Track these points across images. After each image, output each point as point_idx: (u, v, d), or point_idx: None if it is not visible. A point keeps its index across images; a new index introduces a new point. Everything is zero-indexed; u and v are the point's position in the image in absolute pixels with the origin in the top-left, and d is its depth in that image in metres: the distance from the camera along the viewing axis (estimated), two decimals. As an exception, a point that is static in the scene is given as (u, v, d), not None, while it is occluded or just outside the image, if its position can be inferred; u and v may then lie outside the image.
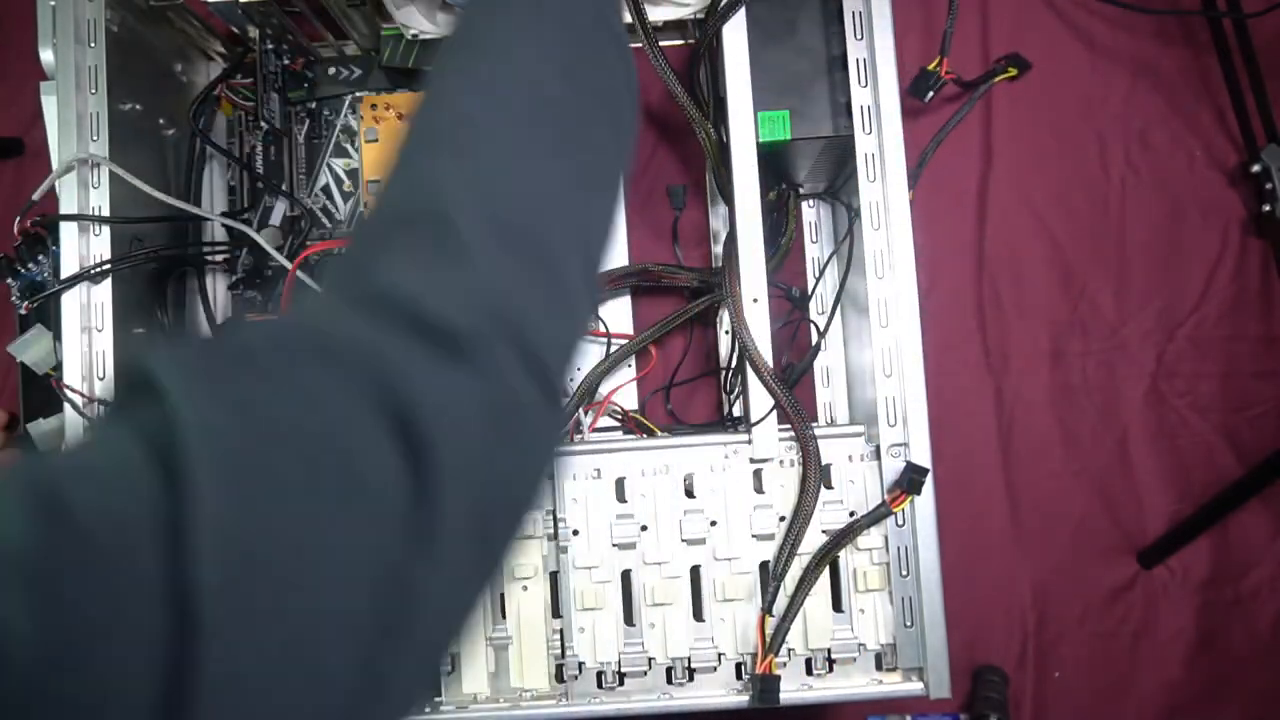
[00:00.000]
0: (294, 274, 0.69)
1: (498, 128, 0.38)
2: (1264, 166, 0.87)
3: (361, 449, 0.28)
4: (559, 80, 0.40)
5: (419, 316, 0.31)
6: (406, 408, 0.28)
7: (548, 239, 0.36)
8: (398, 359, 0.30)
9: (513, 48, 0.40)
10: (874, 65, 0.66)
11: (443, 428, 0.29)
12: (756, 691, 0.63)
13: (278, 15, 0.78)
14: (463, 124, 0.38)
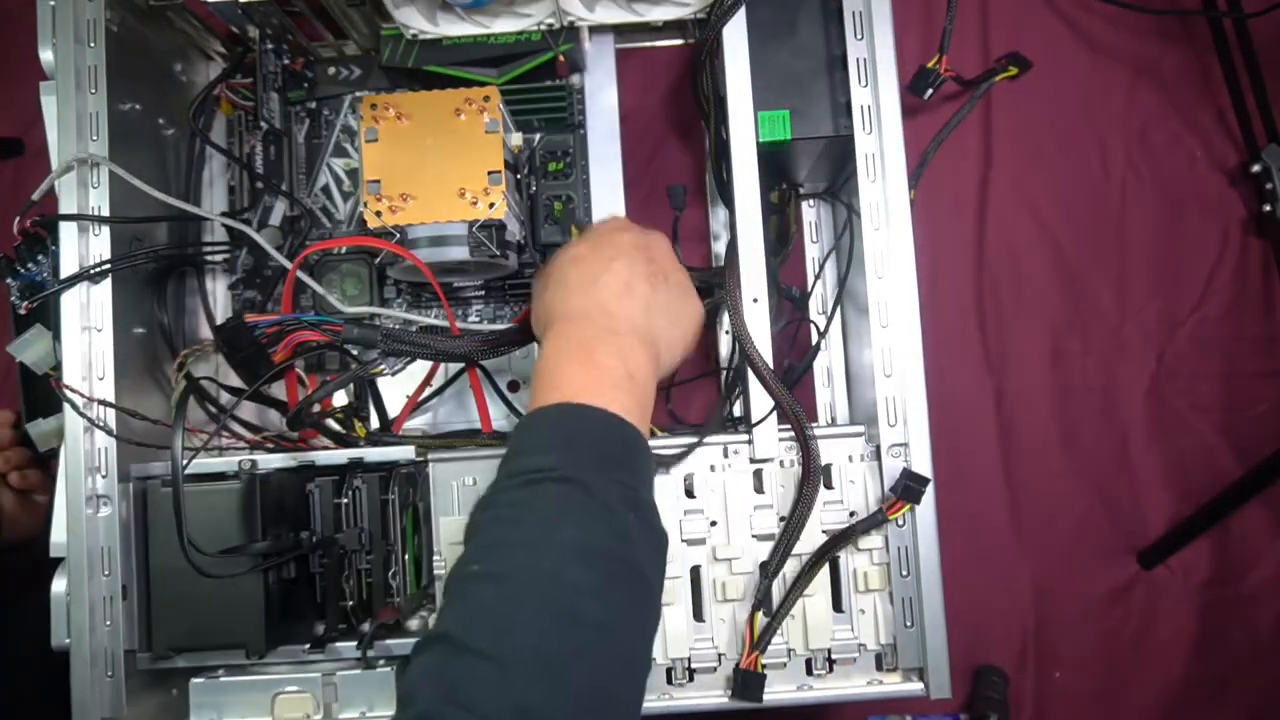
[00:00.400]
0: (294, 274, 0.69)
1: (526, 635, 0.41)
2: (1264, 166, 0.87)
3: None
4: (583, 593, 0.44)
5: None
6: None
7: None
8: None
9: (540, 553, 0.44)
10: (874, 65, 0.66)
11: None
12: (738, 686, 0.63)
13: (278, 15, 0.78)
14: (486, 622, 0.42)
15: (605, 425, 0.50)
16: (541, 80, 0.81)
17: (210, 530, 0.59)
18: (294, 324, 0.64)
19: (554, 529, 0.45)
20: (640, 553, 0.47)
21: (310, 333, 0.65)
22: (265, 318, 0.65)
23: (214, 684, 0.65)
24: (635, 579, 0.46)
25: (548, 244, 0.83)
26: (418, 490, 0.69)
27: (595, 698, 0.41)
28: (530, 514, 0.46)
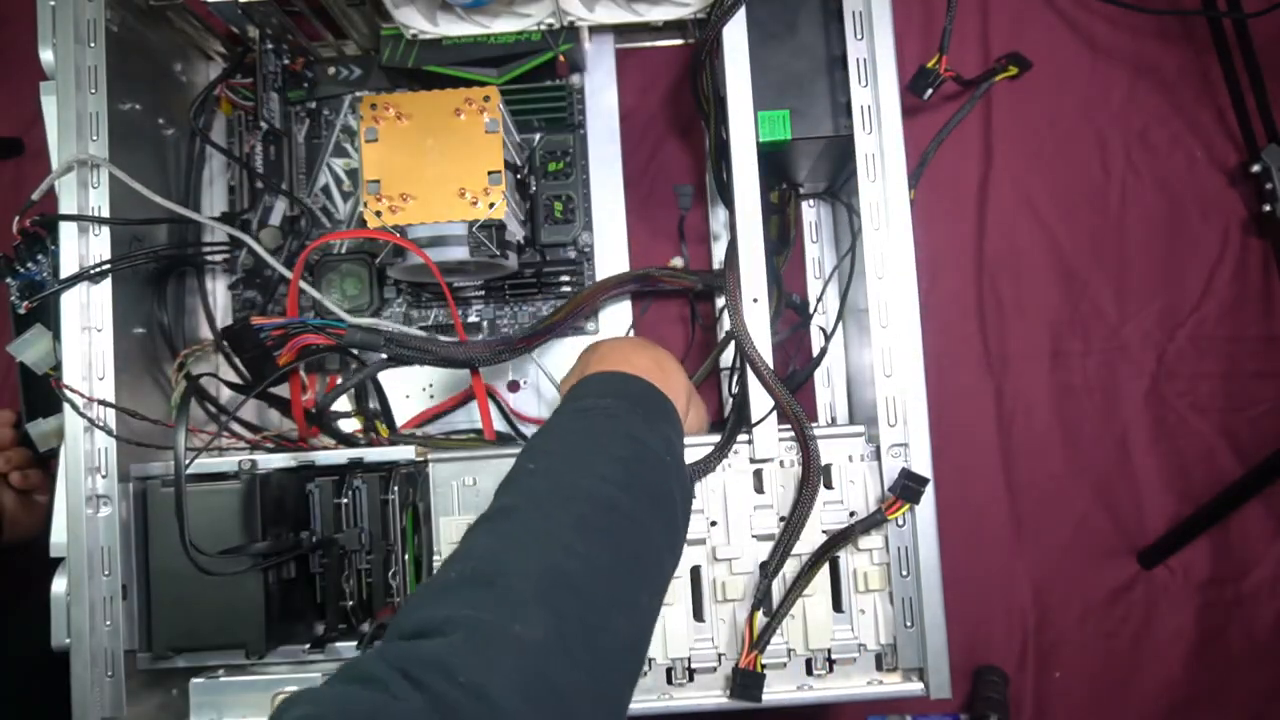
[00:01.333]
0: (296, 282, 0.69)
1: (570, 513, 0.46)
2: (1264, 166, 0.87)
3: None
4: (624, 492, 0.49)
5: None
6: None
7: (600, 603, 0.43)
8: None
9: (592, 459, 0.50)
10: (874, 65, 0.66)
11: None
12: (737, 685, 0.63)
13: (278, 15, 0.78)
14: (534, 504, 0.47)
15: (653, 390, 0.56)
16: (541, 80, 0.81)
17: (210, 530, 0.59)
18: (299, 327, 0.65)
19: (602, 446, 0.51)
20: (674, 489, 0.52)
21: (315, 336, 0.65)
22: (271, 320, 0.65)
23: (214, 684, 0.65)
24: (666, 501, 0.51)
25: (548, 244, 0.83)
26: (418, 490, 0.69)
27: (619, 577, 0.45)
28: (583, 435, 0.52)
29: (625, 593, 0.45)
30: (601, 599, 0.43)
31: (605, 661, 0.42)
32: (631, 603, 0.46)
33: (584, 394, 0.55)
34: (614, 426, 0.52)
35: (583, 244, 0.84)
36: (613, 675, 0.43)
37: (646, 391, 0.56)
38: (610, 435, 0.52)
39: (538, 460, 0.50)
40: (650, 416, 0.55)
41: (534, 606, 0.41)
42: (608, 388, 0.56)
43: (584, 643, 0.41)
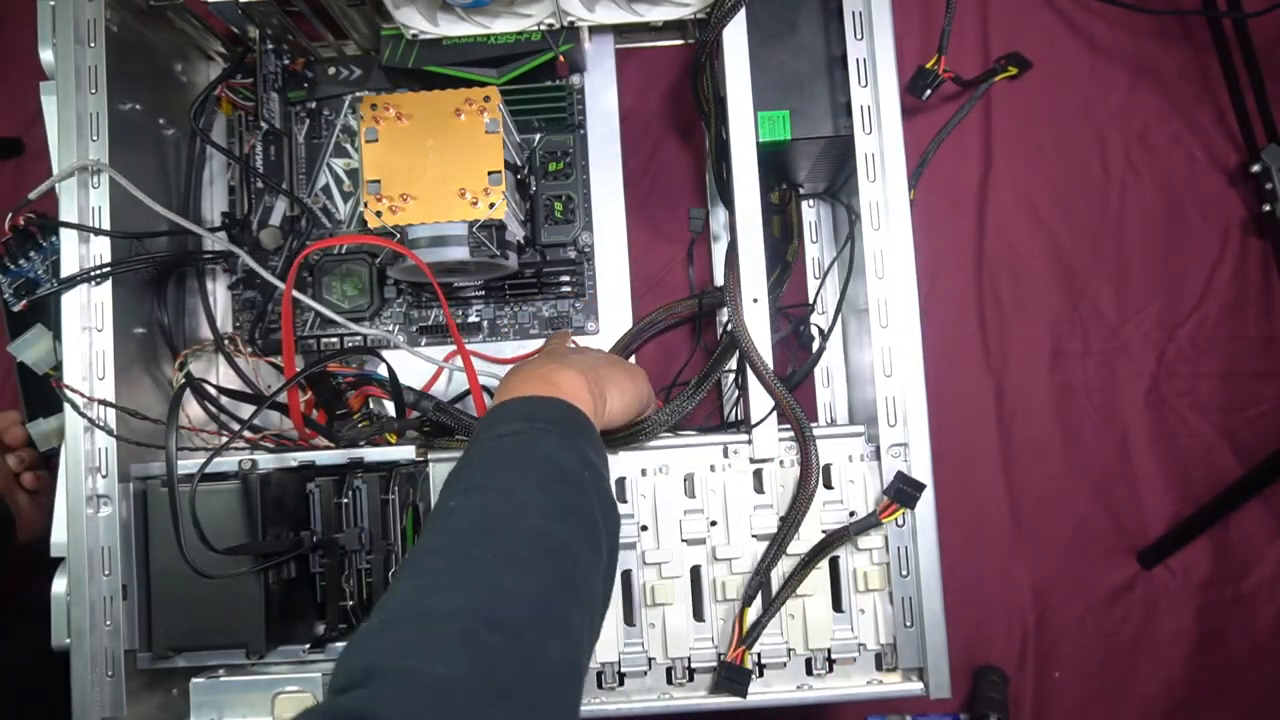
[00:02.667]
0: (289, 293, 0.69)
1: (492, 548, 0.46)
2: (1264, 166, 0.87)
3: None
4: (545, 515, 0.48)
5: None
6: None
7: (528, 634, 0.43)
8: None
9: (511, 487, 0.49)
10: (874, 65, 0.66)
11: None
12: (722, 677, 0.64)
13: (278, 15, 0.78)
14: (457, 541, 0.47)
15: (563, 406, 0.55)
16: (541, 80, 0.81)
17: (210, 530, 0.59)
18: (365, 380, 0.76)
19: (518, 472, 0.50)
20: (594, 503, 0.52)
21: (378, 390, 0.76)
22: (343, 370, 0.76)
23: (214, 684, 0.65)
24: (588, 518, 0.51)
25: (548, 244, 0.83)
26: (418, 490, 0.69)
27: (547, 603, 0.45)
28: (498, 463, 0.51)
29: (554, 618, 0.45)
30: (530, 629, 0.43)
31: (538, 690, 0.42)
32: (562, 627, 0.45)
33: (495, 421, 0.54)
34: (527, 450, 0.52)
35: (583, 244, 0.84)
36: (548, 704, 0.42)
37: (555, 408, 0.55)
38: (525, 459, 0.51)
39: (457, 496, 0.50)
40: (565, 433, 0.54)
41: (457, 646, 0.40)
42: (516, 412, 0.55)
43: (513, 675, 0.40)
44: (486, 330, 0.85)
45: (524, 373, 0.59)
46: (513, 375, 0.61)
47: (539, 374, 0.58)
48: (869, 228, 0.66)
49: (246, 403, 0.75)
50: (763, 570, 0.64)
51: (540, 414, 0.55)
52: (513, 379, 0.60)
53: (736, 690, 0.64)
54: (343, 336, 0.84)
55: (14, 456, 0.79)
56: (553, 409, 0.55)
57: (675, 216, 0.90)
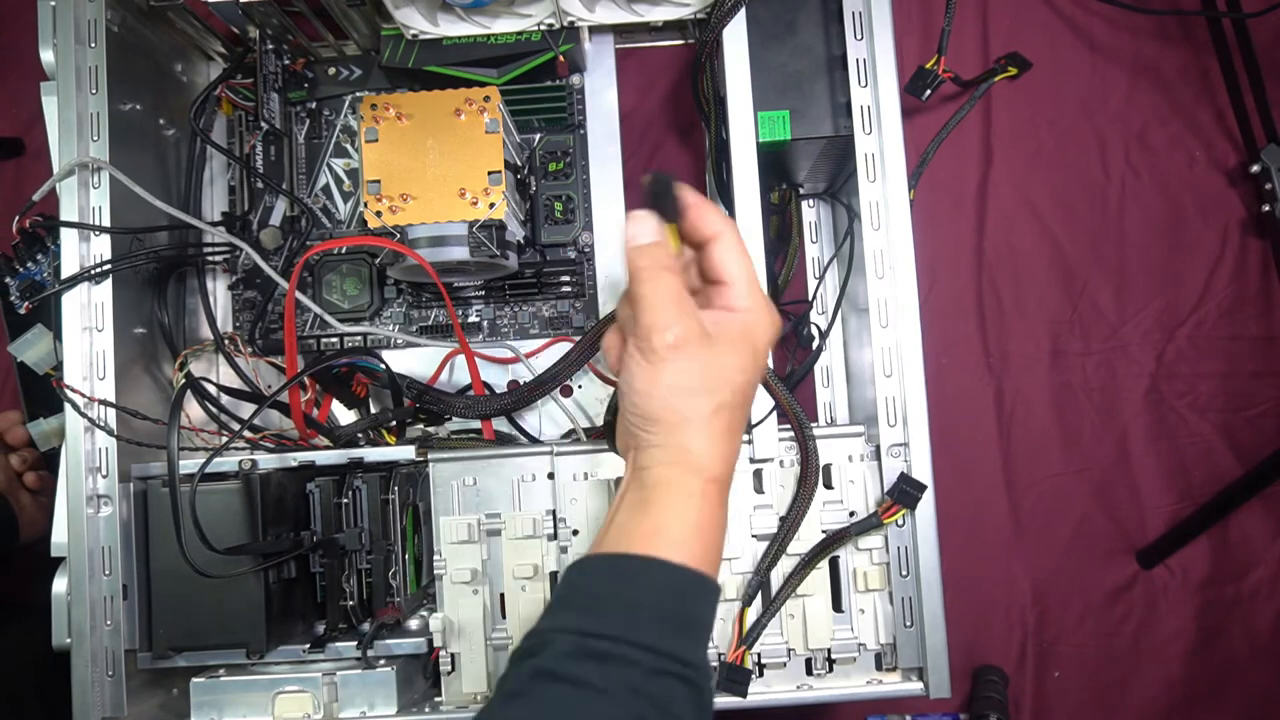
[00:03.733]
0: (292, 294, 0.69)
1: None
2: (1264, 166, 0.87)
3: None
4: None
5: None
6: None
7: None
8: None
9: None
10: (874, 65, 0.66)
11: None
12: (723, 678, 0.64)
13: (278, 15, 0.78)
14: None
15: (693, 584, 0.46)
16: (541, 80, 0.81)
17: (210, 530, 0.59)
18: (356, 369, 0.76)
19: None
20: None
21: (367, 378, 0.77)
22: (338, 361, 0.75)
23: (214, 683, 0.65)
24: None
25: (548, 244, 0.83)
26: (418, 490, 0.69)
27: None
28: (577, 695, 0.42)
29: None
30: None
31: None
32: None
33: (587, 618, 0.43)
34: (634, 697, 0.41)
35: (583, 244, 0.84)
36: None
37: (683, 592, 0.45)
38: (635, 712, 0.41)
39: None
40: (686, 633, 0.44)
41: None
42: (618, 602, 0.44)
43: None
44: (486, 330, 0.85)
45: (662, 485, 0.46)
46: (646, 481, 0.47)
47: (679, 497, 0.46)
48: (869, 228, 0.66)
49: (247, 402, 0.75)
50: (763, 570, 0.64)
51: (659, 612, 0.44)
52: (641, 496, 0.47)
53: (737, 690, 0.64)
54: (342, 336, 0.84)
55: (16, 456, 0.80)
56: (675, 597, 0.44)
57: (675, 216, 0.90)
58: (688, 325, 0.45)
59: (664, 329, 0.45)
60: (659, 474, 0.47)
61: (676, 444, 0.46)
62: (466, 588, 0.66)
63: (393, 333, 0.84)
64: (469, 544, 0.66)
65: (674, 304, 0.46)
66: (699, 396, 0.46)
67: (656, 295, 0.46)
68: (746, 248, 0.48)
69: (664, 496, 0.46)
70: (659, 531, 0.46)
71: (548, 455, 0.67)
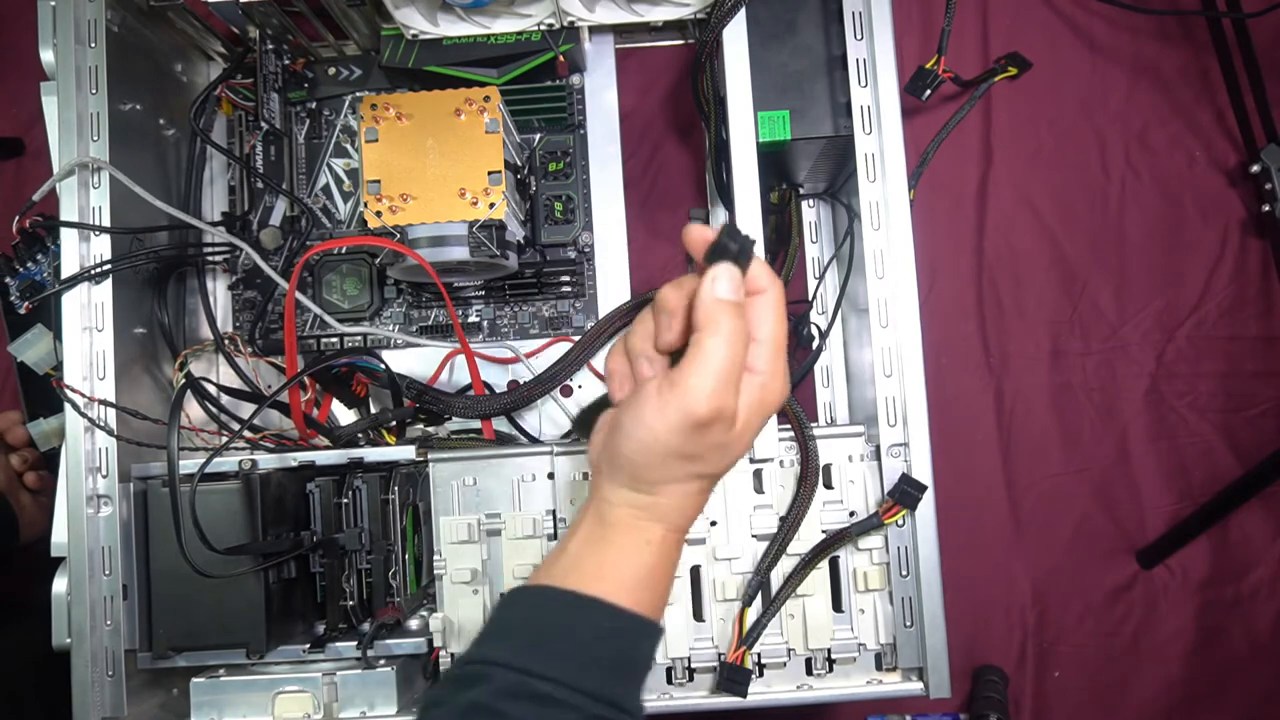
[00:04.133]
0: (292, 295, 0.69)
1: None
2: (1264, 166, 0.87)
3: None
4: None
5: None
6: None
7: None
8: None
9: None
10: (874, 65, 0.66)
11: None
12: (724, 678, 0.64)
13: (278, 15, 0.78)
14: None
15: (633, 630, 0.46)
16: (541, 80, 0.81)
17: (210, 530, 0.59)
18: (355, 369, 0.76)
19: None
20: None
21: (365, 376, 0.77)
22: (337, 361, 0.75)
23: (214, 683, 0.65)
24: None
25: (548, 244, 0.83)
26: (418, 490, 0.69)
27: None
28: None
29: None
30: None
31: None
32: None
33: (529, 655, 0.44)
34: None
35: (583, 244, 0.84)
36: None
37: (628, 636, 0.46)
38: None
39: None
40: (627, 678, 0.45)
41: None
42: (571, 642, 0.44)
43: None
44: (486, 330, 0.85)
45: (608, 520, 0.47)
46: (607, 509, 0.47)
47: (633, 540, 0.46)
48: (869, 228, 0.66)
49: (247, 402, 0.75)
50: (763, 570, 0.64)
51: (602, 656, 0.44)
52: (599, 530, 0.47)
53: (737, 691, 0.64)
54: (342, 336, 0.84)
55: (17, 456, 0.80)
56: (620, 641, 0.45)
57: (675, 216, 0.90)
58: (729, 404, 0.44)
59: (711, 397, 0.43)
60: (623, 515, 0.47)
61: (651, 495, 0.47)
62: (466, 588, 0.66)
63: (393, 333, 0.84)
64: (469, 544, 0.66)
65: (733, 378, 0.44)
66: (698, 464, 0.46)
67: (723, 362, 0.43)
68: (785, 312, 0.47)
69: (623, 539, 0.47)
70: (612, 574, 0.46)
71: (548, 455, 0.67)
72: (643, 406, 0.45)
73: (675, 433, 0.44)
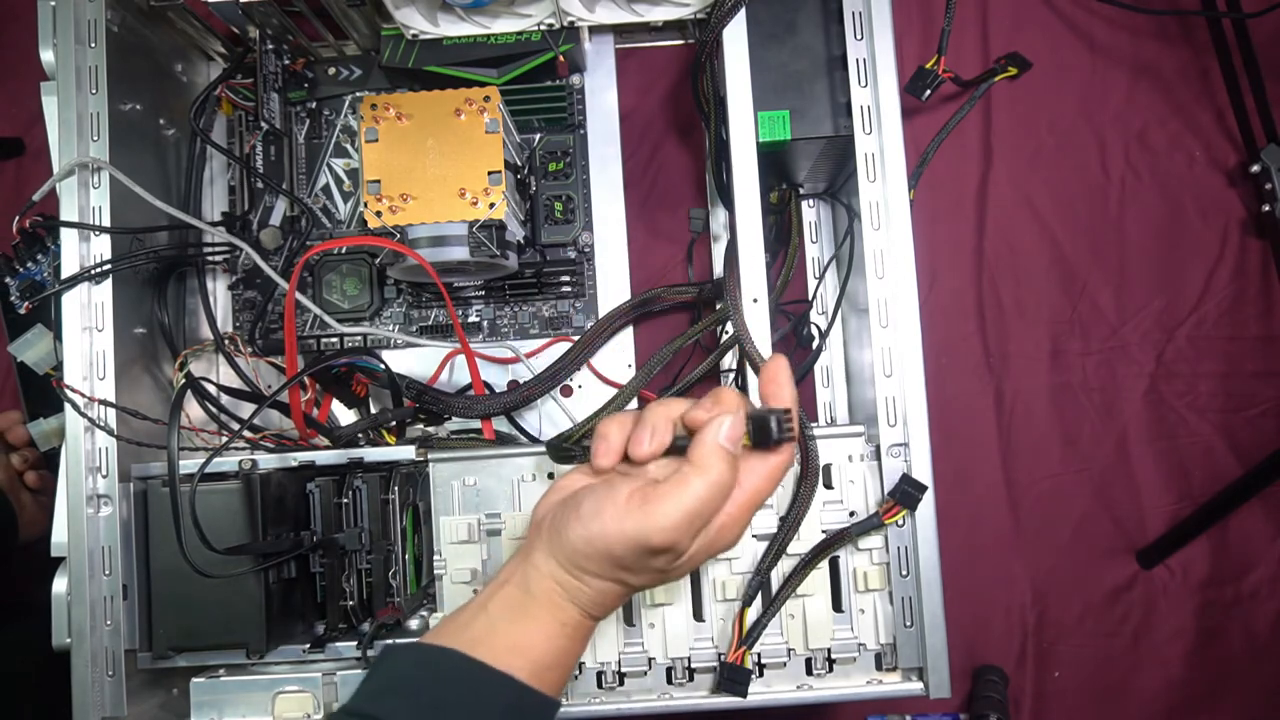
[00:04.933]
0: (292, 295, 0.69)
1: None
2: (1264, 166, 0.87)
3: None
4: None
5: None
6: None
7: None
8: None
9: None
10: (874, 65, 0.66)
11: None
12: (723, 678, 0.64)
13: (278, 15, 0.78)
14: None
15: (522, 699, 0.47)
16: (541, 80, 0.81)
17: (210, 530, 0.59)
18: (355, 369, 0.76)
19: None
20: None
21: (364, 376, 0.77)
22: (336, 361, 0.75)
23: (214, 683, 0.65)
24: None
25: (548, 244, 0.83)
26: (418, 490, 0.69)
27: None
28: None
29: None
30: None
31: None
32: None
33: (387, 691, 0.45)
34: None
35: (583, 244, 0.84)
36: None
37: (529, 715, 0.47)
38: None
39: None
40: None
41: None
42: (471, 713, 0.45)
43: None
44: (486, 330, 0.85)
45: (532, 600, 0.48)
46: (525, 584, 0.48)
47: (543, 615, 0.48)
48: (869, 228, 0.66)
49: (247, 402, 0.75)
50: (763, 570, 0.64)
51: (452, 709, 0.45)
52: (510, 597, 0.48)
53: (737, 691, 0.64)
54: (342, 336, 0.84)
55: (18, 456, 0.80)
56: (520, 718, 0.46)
57: (675, 216, 0.90)
58: (684, 542, 0.46)
59: (672, 531, 0.45)
60: (549, 590, 0.48)
61: (579, 581, 0.48)
62: (466, 588, 0.66)
63: (393, 333, 0.84)
64: (469, 544, 0.66)
65: (701, 521, 0.46)
66: (631, 576, 0.48)
67: (698, 504, 0.45)
68: (781, 478, 0.49)
69: (542, 615, 0.48)
70: (526, 651, 0.47)
71: (548, 455, 0.67)
72: (605, 504, 0.46)
73: (623, 545, 0.45)
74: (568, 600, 0.48)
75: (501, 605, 0.49)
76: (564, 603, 0.48)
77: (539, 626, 0.48)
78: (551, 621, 0.48)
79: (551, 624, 0.48)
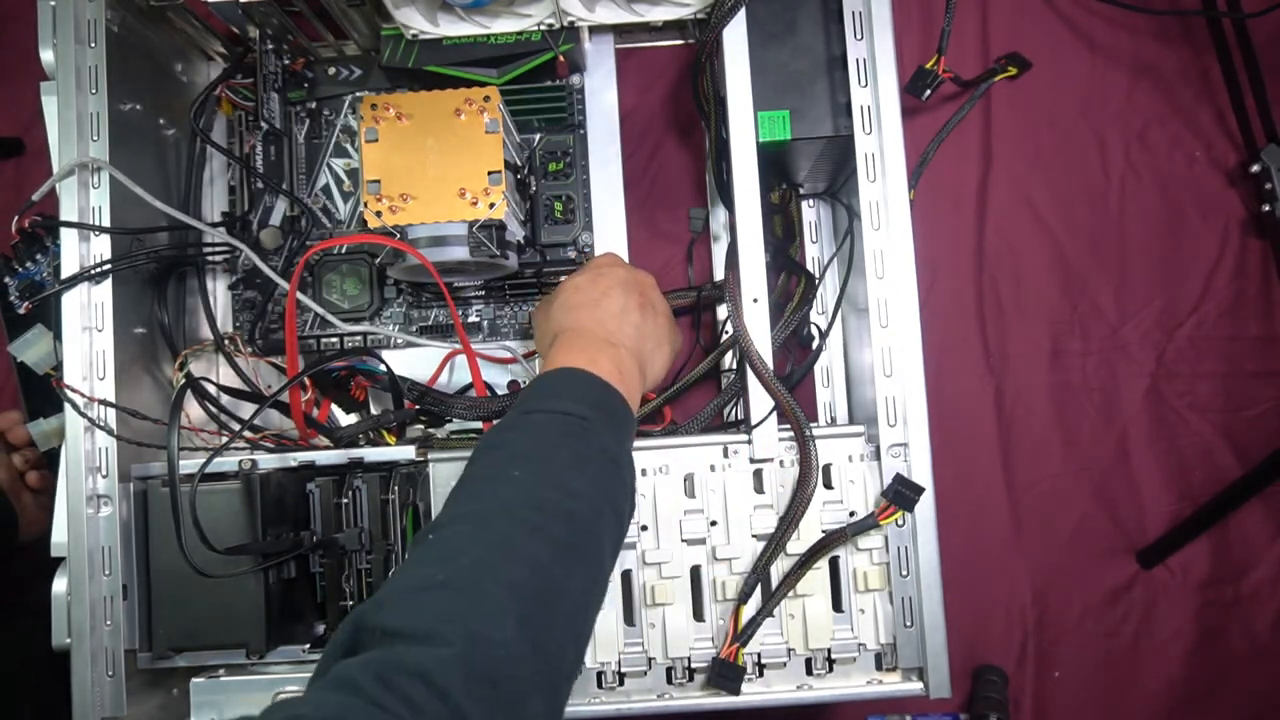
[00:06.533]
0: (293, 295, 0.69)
1: (548, 534, 0.48)
2: (1264, 166, 0.87)
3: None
4: (590, 509, 0.51)
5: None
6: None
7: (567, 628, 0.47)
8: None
9: (566, 477, 0.51)
10: (874, 65, 0.66)
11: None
12: (715, 674, 0.64)
13: (278, 15, 0.78)
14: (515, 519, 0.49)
15: (617, 398, 0.58)
16: (541, 80, 0.81)
17: (210, 530, 0.59)
18: (356, 371, 0.76)
19: (578, 460, 0.53)
20: (629, 504, 0.56)
21: (365, 379, 0.77)
22: (335, 365, 0.75)
23: (214, 684, 0.65)
24: (624, 517, 0.55)
25: (548, 244, 0.83)
26: (418, 490, 0.69)
27: (579, 595, 0.49)
28: (558, 444, 0.53)
29: (580, 610, 0.49)
30: (562, 617, 0.47)
31: (561, 672, 0.46)
32: (585, 618, 0.49)
33: (547, 393, 0.56)
34: (588, 441, 0.54)
35: (583, 244, 0.84)
36: (565, 685, 0.47)
37: (615, 403, 0.58)
38: (585, 449, 0.53)
39: (516, 465, 0.52)
40: (620, 430, 0.57)
41: (510, 622, 0.43)
42: (582, 392, 0.57)
43: (547, 660, 0.44)
44: (486, 330, 0.85)
45: (579, 341, 0.62)
46: (566, 339, 0.63)
47: (593, 348, 0.61)
48: (869, 228, 0.66)
49: (247, 402, 0.75)
50: (760, 568, 0.64)
51: (603, 402, 0.57)
52: (566, 346, 0.62)
53: (728, 687, 0.64)
54: (342, 336, 0.84)
55: (18, 456, 0.80)
56: (607, 397, 0.57)
57: (675, 216, 0.90)
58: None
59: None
60: (579, 334, 0.64)
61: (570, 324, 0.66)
62: (466, 588, 0.66)
63: (393, 333, 0.84)
64: (469, 544, 0.66)
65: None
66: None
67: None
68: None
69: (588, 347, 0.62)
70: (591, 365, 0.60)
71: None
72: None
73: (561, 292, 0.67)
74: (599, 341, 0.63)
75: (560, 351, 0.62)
76: (599, 340, 0.63)
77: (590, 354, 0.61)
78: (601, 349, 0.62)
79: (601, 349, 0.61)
